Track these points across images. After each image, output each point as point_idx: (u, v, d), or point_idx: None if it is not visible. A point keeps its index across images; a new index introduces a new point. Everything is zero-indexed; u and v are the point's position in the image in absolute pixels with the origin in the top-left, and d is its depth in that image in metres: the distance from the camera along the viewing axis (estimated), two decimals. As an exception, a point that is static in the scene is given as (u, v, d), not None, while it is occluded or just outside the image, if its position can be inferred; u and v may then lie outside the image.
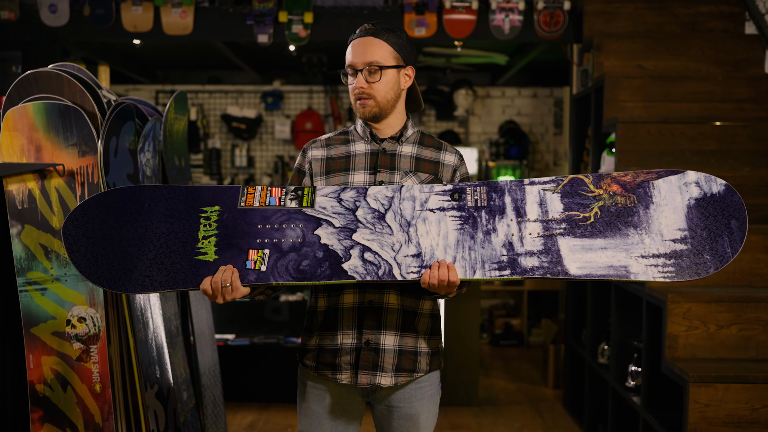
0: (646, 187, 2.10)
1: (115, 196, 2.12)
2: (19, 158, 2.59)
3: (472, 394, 5.23)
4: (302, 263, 2.08)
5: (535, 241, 2.08)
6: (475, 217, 2.11)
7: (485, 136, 7.91)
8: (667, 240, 2.05)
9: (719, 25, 4.82)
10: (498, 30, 5.01)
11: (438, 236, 2.09)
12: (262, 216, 2.12)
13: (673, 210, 2.07)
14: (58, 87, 2.66)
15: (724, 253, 2.04)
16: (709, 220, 2.06)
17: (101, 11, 5.04)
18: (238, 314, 5.43)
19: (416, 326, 2.24)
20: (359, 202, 2.13)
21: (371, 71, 2.18)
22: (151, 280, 2.06)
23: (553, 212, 2.10)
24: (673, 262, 2.04)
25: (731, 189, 2.08)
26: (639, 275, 2.04)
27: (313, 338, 2.27)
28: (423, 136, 2.32)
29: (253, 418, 4.87)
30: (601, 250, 2.06)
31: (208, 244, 2.08)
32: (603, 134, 4.58)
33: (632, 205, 2.09)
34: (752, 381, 2.96)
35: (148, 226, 2.10)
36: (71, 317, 2.61)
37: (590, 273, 2.05)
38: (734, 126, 4.13)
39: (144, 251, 2.08)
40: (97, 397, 2.61)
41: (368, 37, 2.21)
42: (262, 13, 5.02)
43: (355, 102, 2.22)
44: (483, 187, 2.14)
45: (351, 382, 2.22)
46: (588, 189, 2.12)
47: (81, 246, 2.08)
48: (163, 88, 7.96)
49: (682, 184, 2.09)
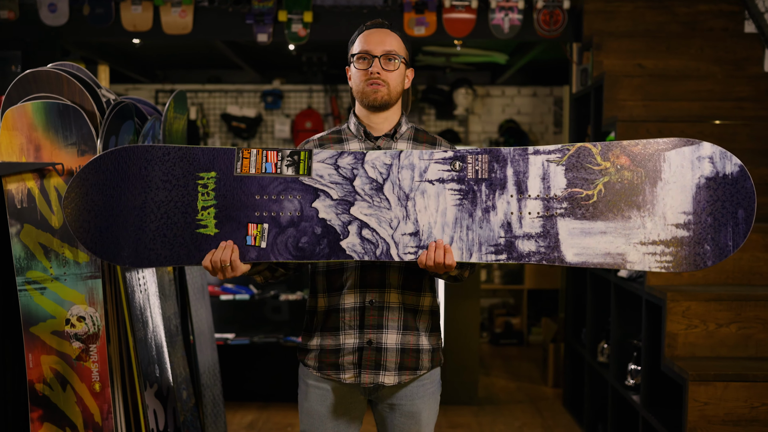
0: (657, 159, 2.02)
1: (110, 160, 2.12)
2: (19, 157, 2.59)
3: (472, 393, 5.23)
4: (301, 240, 2.09)
5: (534, 222, 2.05)
6: (474, 191, 2.07)
7: (485, 135, 7.91)
8: (669, 224, 2.00)
9: (719, 24, 4.82)
10: (497, 29, 5.01)
11: (436, 213, 2.07)
12: (259, 185, 2.11)
13: (681, 189, 2.00)
14: (58, 86, 2.66)
15: (726, 245, 1.99)
16: (716, 205, 1.99)
17: (101, 11, 5.04)
18: (238, 313, 5.43)
19: (417, 324, 2.25)
20: (357, 170, 2.10)
21: (390, 58, 2.21)
22: (156, 254, 2.10)
23: (556, 188, 2.05)
24: (671, 251, 1.99)
25: (745, 172, 2.00)
26: (635, 264, 2.01)
27: (314, 338, 2.28)
28: (417, 132, 2.32)
29: (252, 417, 4.87)
30: (600, 235, 2.02)
31: (207, 215, 2.10)
32: (603, 133, 4.58)
33: (639, 181, 2.02)
34: (751, 379, 2.96)
35: (147, 193, 2.11)
36: (70, 316, 2.61)
37: (586, 260, 2.02)
38: (734, 125, 4.13)
39: (146, 222, 2.11)
40: (97, 397, 2.61)
41: (385, 29, 2.25)
42: (262, 12, 5.02)
43: (366, 87, 2.22)
44: (485, 156, 2.09)
45: (354, 381, 2.22)
46: (595, 161, 2.05)
47: (84, 221, 2.10)
48: (163, 88, 7.95)
49: (696, 158, 2.00)
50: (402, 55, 2.24)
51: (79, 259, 2.59)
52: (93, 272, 2.60)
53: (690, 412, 2.97)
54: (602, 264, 2.02)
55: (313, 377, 2.29)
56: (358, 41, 2.25)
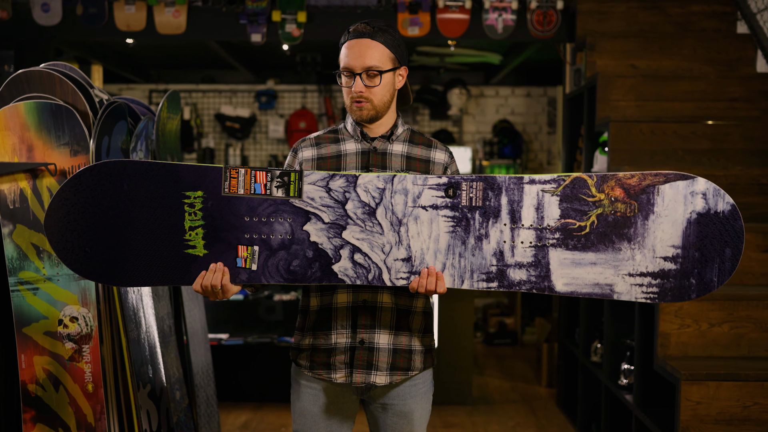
0: (650, 192, 2.04)
1: (89, 176, 2.04)
2: (11, 158, 2.58)
3: (466, 392, 5.23)
4: (293, 263, 2.07)
5: (526, 252, 2.06)
6: (468, 219, 2.07)
7: (479, 136, 7.92)
8: (658, 257, 2.03)
9: (712, 25, 4.83)
10: (491, 29, 5.01)
11: (429, 239, 2.07)
12: (248, 206, 2.07)
13: (672, 223, 2.03)
14: (50, 86, 2.66)
15: (710, 281, 2.02)
16: (705, 241, 2.02)
17: (94, 10, 5.03)
18: (232, 314, 5.43)
19: (410, 324, 2.25)
20: (349, 193, 2.08)
21: (370, 75, 2.17)
22: (142, 274, 2.06)
23: (549, 219, 2.06)
24: (658, 283, 2.03)
25: (736, 212, 2.01)
26: (623, 295, 2.04)
27: (307, 338, 2.28)
28: (413, 134, 2.32)
29: (247, 417, 4.87)
30: (590, 266, 2.05)
31: (195, 236, 2.06)
32: (596, 133, 4.59)
33: (631, 214, 2.04)
34: (744, 379, 2.97)
35: (130, 211, 2.04)
36: (63, 317, 2.60)
37: (575, 290, 2.05)
38: (726, 125, 4.14)
39: (131, 241, 2.05)
40: (90, 397, 2.61)
41: (365, 39, 2.18)
42: (256, 12, 5.02)
43: (351, 104, 2.21)
44: (479, 183, 2.08)
45: (346, 381, 2.22)
46: (589, 193, 2.05)
47: (67, 242, 2.04)
48: (157, 88, 7.95)
49: (689, 193, 2.02)
50: (385, 66, 2.18)
51: (71, 259, 2.59)
52: (86, 273, 2.60)
53: (683, 411, 2.97)
54: (590, 294, 2.04)
55: (306, 377, 2.29)
56: (342, 53, 2.21)
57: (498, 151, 7.68)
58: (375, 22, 2.23)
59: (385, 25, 2.23)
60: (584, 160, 4.69)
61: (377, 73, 2.17)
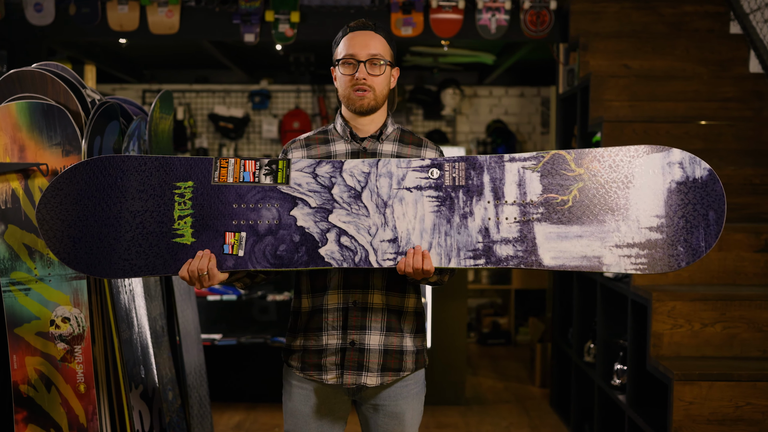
0: (628, 165, 2.06)
1: (84, 170, 2.09)
2: (3, 158, 2.57)
3: (459, 392, 5.24)
4: (279, 248, 2.08)
5: (511, 227, 2.07)
6: (452, 197, 2.08)
7: (473, 136, 7.92)
8: (643, 228, 2.04)
9: (705, 25, 4.84)
10: (484, 29, 5.01)
11: (414, 219, 2.08)
12: (237, 194, 2.10)
13: (653, 193, 2.05)
14: (42, 86, 2.65)
15: (698, 246, 2.02)
16: (687, 208, 2.03)
17: (87, 10, 5.02)
18: (225, 314, 5.42)
19: (401, 325, 2.25)
20: (335, 178, 2.10)
21: (375, 63, 2.19)
22: (131, 264, 2.08)
23: (532, 194, 2.07)
24: (646, 253, 2.03)
25: (714, 176, 2.04)
26: (611, 266, 2.04)
27: (298, 339, 2.27)
28: (403, 133, 2.32)
29: (240, 418, 4.87)
30: (577, 239, 2.05)
31: (184, 225, 2.08)
32: (589, 133, 4.60)
33: (612, 186, 2.05)
34: (736, 379, 2.98)
35: (122, 203, 2.08)
36: (55, 317, 2.60)
37: (564, 264, 2.05)
38: (719, 125, 4.15)
39: (120, 232, 2.08)
40: (82, 398, 2.60)
41: (369, 31, 2.22)
42: (249, 12, 5.01)
43: (352, 93, 2.21)
44: (461, 163, 2.10)
45: (337, 382, 2.22)
46: (569, 168, 2.08)
47: (57, 231, 2.07)
48: (150, 88, 7.93)
49: (666, 164, 2.05)
50: (387, 57, 2.22)
51: (63, 259, 2.58)
52: (78, 273, 2.59)
53: (675, 411, 2.98)
54: (579, 267, 2.05)
55: (297, 377, 2.28)
56: (342, 44, 2.22)
57: (492, 151, 7.69)
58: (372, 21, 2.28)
59: (381, 25, 2.29)
60: (577, 160, 4.69)
61: (382, 60, 2.20)
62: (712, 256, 3.52)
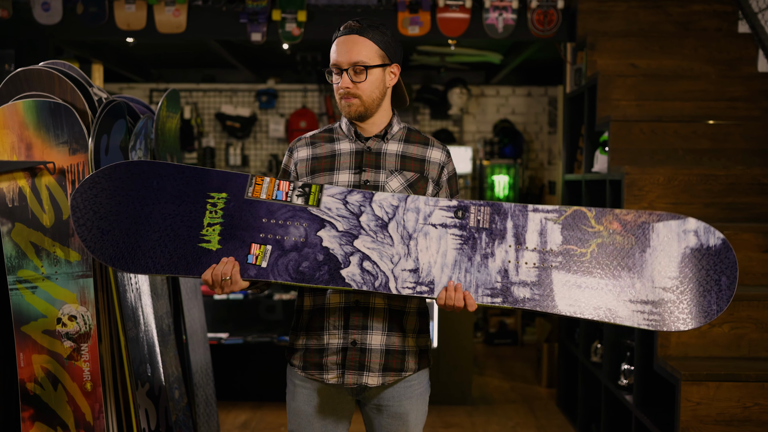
0: (645, 228, 2.13)
1: (125, 170, 2.16)
2: (10, 156, 2.58)
3: (465, 392, 5.23)
4: (302, 264, 2.12)
5: (530, 272, 2.13)
6: (475, 238, 2.15)
7: (480, 135, 7.92)
8: (657, 287, 2.10)
9: (712, 24, 4.82)
10: (492, 28, 5.00)
11: (437, 253, 2.14)
12: (267, 210, 2.15)
13: (668, 256, 2.11)
14: (49, 85, 2.65)
15: (710, 309, 2.10)
16: (701, 273, 2.11)
17: (94, 9, 5.03)
18: (232, 313, 5.42)
19: (404, 325, 2.24)
20: (364, 207, 2.15)
21: (357, 71, 2.17)
22: (153, 261, 2.13)
23: (552, 243, 2.14)
24: (659, 311, 2.10)
25: (727, 245, 2.11)
26: (624, 320, 2.10)
27: (300, 338, 2.27)
28: (410, 132, 2.31)
29: (246, 417, 4.87)
30: (592, 290, 2.11)
31: (212, 232, 2.13)
32: (596, 133, 4.58)
33: (629, 246, 2.13)
34: (744, 379, 2.96)
35: (155, 204, 2.14)
36: (62, 315, 2.60)
37: (578, 312, 2.11)
38: (727, 124, 4.13)
39: (149, 231, 2.13)
40: (88, 396, 2.61)
41: (353, 35, 2.18)
42: (256, 11, 5.01)
43: (340, 101, 2.21)
44: (487, 208, 2.17)
45: (338, 381, 2.22)
46: (589, 224, 2.15)
47: (88, 220, 2.12)
48: (157, 87, 7.94)
49: (681, 231, 2.12)
50: (372, 62, 2.17)
51: (70, 258, 2.59)
52: (84, 271, 2.59)
53: (682, 412, 2.97)
54: (593, 317, 2.10)
55: (300, 377, 2.28)
56: (331, 50, 2.22)
57: (498, 151, 7.68)
58: (367, 19, 2.23)
59: (377, 23, 2.22)
60: (584, 160, 4.68)
61: (363, 68, 2.16)
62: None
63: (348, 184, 2.22)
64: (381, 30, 2.21)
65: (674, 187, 3.71)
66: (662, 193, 3.70)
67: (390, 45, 2.22)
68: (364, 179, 2.22)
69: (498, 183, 7.67)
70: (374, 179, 2.22)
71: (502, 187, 7.68)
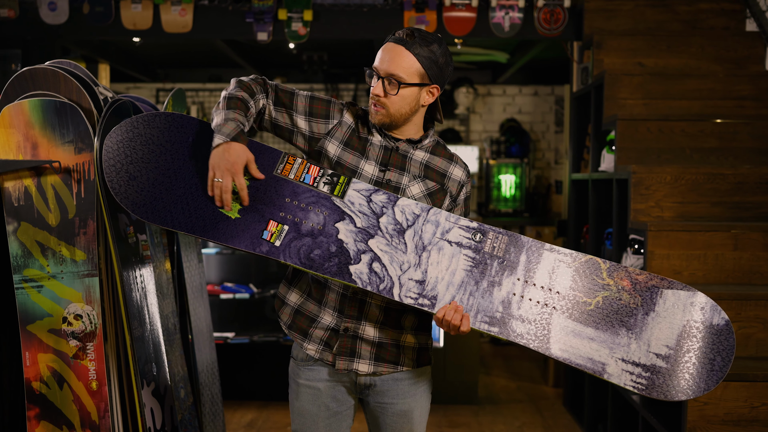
0: (654, 292, 2.14)
1: (165, 120, 2.20)
2: (15, 155, 2.58)
3: (472, 392, 5.22)
4: (314, 251, 2.14)
5: (532, 309, 2.14)
6: (486, 263, 2.16)
7: (486, 134, 7.91)
8: (651, 352, 2.11)
9: (720, 23, 4.81)
10: (498, 27, 5.00)
11: (446, 270, 2.15)
12: (293, 190, 2.17)
13: (669, 324, 2.12)
14: (55, 84, 2.65)
15: (698, 386, 2.10)
16: (698, 350, 2.11)
17: (100, 9, 5.04)
18: (238, 312, 5.43)
19: (401, 322, 2.25)
20: (386, 209, 2.16)
21: (390, 83, 2.14)
22: (172, 217, 2.14)
23: (560, 286, 2.15)
24: (648, 376, 2.10)
25: (729, 327, 2.13)
26: (612, 377, 2.11)
27: (294, 294, 2.29)
28: (437, 146, 2.30)
29: (252, 416, 4.87)
30: (588, 340, 2.12)
31: (235, 199, 2.14)
32: (603, 132, 4.57)
33: (634, 305, 2.13)
34: (751, 379, 2.95)
35: (187, 160, 2.17)
36: (67, 315, 2.60)
37: (569, 358, 2.12)
38: (735, 123, 4.12)
39: (175, 185, 2.15)
40: (94, 395, 2.61)
41: (400, 46, 2.14)
42: (262, 10, 5.01)
43: (371, 106, 2.21)
44: (505, 237, 2.18)
45: (316, 356, 2.23)
46: (600, 275, 2.16)
47: (118, 161, 2.15)
48: (164, 87, 7.95)
49: (689, 302, 2.13)
50: (409, 79, 2.13)
51: (76, 257, 2.59)
52: (90, 270, 2.59)
53: (690, 411, 2.96)
54: (582, 366, 2.11)
55: (303, 376, 2.28)
56: (378, 52, 2.19)
57: (505, 150, 7.67)
58: (424, 33, 2.16)
59: (430, 38, 2.15)
60: (591, 159, 4.67)
61: (397, 83, 2.13)
62: (728, 256, 3.49)
63: (371, 178, 2.21)
64: (430, 48, 2.14)
65: (681, 186, 3.70)
66: (669, 192, 3.69)
67: (434, 65, 2.15)
68: (387, 178, 2.22)
69: (504, 182, 7.66)
70: (397, 180, 2.22)
71: (508, 187, 7.67)
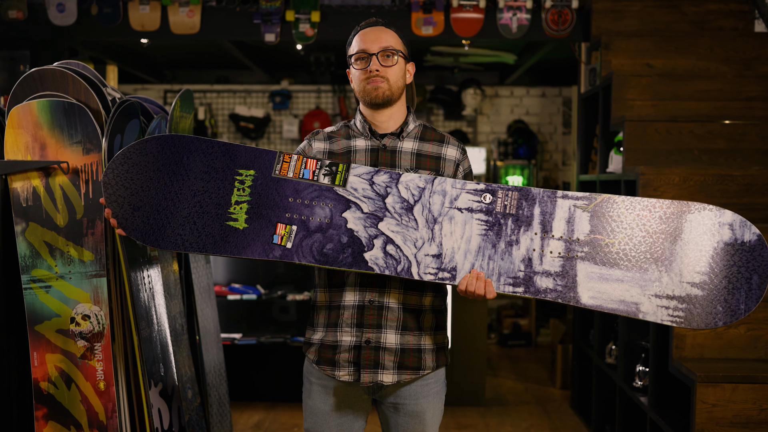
0: (679, 218, 2.07)
1: (156, 144, 2.19)
2: (24, 156, 2.59)
3: (479, 394, 5.21)
4: (326, 246, 2.14)
5: (554, 261, 2.09)
6: (501, 224, 2.12)
7: (494, 136, 7.89)
8: (685, 282, 2.04)
9: (728, 23, 4.79)
10: (506, 29, 4.99)
11: (461, 239, 2.12)
12: (294, 189, 2.17)
13: (699, 250, 2.05)
14: (63, 85, 2.66)
15: (737, 308, 2.03)
16: (732, 270, 2.04)
17: (109, 10, 5.05)
18: (245, 313, 5.43)
19: (420, 323, 2.24)
20: (390, 189, 2.15)
21: (387, 55, 2.22)
22: (182, 239, 2.16)
23: (579, 233, 2.10)
24: (684, 307, 2.04)
25: (763, 242, 2.05)
26: (648, 315, 2.05)
27: (317, 333, 2.28)
28: (425, 130, 2.31)
29: (259, 417, 4.87)
30: (617, 282, 2.07)
31: (239, 210, 2.16)
32: (611, 133, 4.56)
33: (659, 237, 2.07)
34: (760, 381, 2.94)
35: (184, 180, 2.17)
36: (75, 315, 2.61)
37: (601, 305, 2.07)
38: (743, 124, 4.10)
39: (178, 207, 2.16)
40: (101, 395, 2.61)
41: (379, 26, 2.26)
42: (269, 12, 5.02)
43: (367, 85, 2.23)
44: (515, 193, 2.14)
45: (350, 379, 2.22)
46: (619, 213, 2.10)
47: (120, 196, 2.16)
48: (172, 88, 7.97)
49: (717, 223, 2.06)
50: (400, 49, 2.25)
51: (84, 257, 2.59)
52: (98, 271, 2.60)
53: (698, 413, 2.95)
54: (616, 310, 2.06)
55: (317, 375, 2.28)
56: (354, 41, 2.26)
57: (512, 152, 7.65)
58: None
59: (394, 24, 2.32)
60: (599, 160, 4.66)
61: (393, 52, 2.22)
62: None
63: None
64: (400, 29, 2.30)
65: (690, 188, 3.69)
66: (677, 193, 3.68)
67: (407, 44, 2.30)
68: None
69: (512, 184, 7.65)
70: None
71: (516, 188, 7.64)
